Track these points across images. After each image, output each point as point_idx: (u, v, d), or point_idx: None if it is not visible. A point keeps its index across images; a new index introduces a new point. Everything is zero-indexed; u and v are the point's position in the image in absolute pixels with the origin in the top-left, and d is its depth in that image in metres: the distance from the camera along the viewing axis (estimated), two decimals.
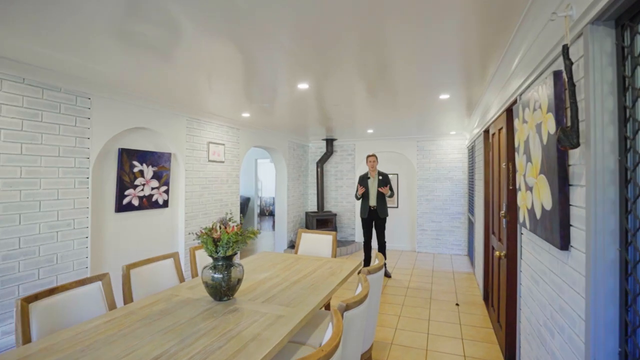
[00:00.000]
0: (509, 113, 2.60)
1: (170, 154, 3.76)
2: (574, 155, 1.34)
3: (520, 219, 2.05)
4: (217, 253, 1.97)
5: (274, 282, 2.43)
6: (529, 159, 1.80)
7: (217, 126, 4.47)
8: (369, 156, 5.17)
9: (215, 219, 4.38)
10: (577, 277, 1.29)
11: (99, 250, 3.04)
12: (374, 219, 5.17)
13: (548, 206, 1.51)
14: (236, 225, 2.08)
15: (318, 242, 3.48)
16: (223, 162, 4.58)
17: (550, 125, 1.44)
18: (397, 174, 7.02)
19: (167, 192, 3.73)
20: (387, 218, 5.25)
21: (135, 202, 3.36)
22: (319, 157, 7.24)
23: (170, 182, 3.79)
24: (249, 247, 7.31)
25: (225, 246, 1.95)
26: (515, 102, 2.40)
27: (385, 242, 5.23)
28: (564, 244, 1.39)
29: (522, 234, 2.22)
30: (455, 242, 6.53)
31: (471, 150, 5.80)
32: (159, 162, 3.61)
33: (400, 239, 7.01)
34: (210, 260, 2.06)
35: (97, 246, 3.03)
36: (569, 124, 1.30)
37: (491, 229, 3.50)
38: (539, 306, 1.79)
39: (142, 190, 3.44)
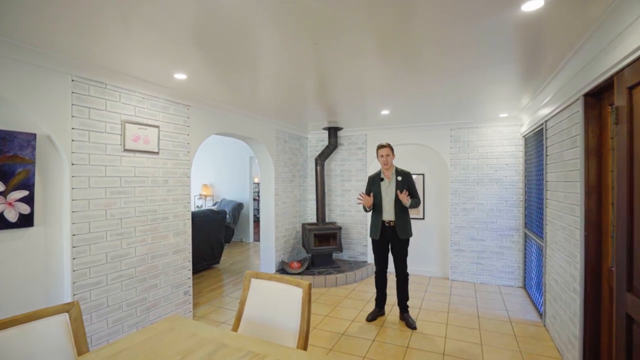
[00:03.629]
0: None
1: (34, 136, 2.21)
2: None
3: None
4: None
5: None
6: None
7: (143, 98, 2.90)
8: (380, 147, 3.47)
9: (147, 240, 2.82)
10: None
11: None
12: (391, 240, 3.45)
13: None
14: None
15: (278, 301, 1.81)
16: (156, 153, 3.00)
17: None
18: (423, 174, 5.26)
19: (28, 200, 2.18)
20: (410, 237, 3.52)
21: None
22: (319, 152, 5.56)
23: (35, 183, 2.23)
24: (233, 269, 5.73)
25: None
26: None
27: (407, 275, 3.50)
28: None
29: None
30: (504, 269, 4.70)
31: (534, 138, 3.99)
32: (3, 149, 2.06)
33: (426, 261, 5.24)
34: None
35: None
36: None
37: (627, 280, 1.73)
38: None
39: None
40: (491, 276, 4.76)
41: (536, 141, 3.93)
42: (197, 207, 8.33)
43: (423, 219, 5.26)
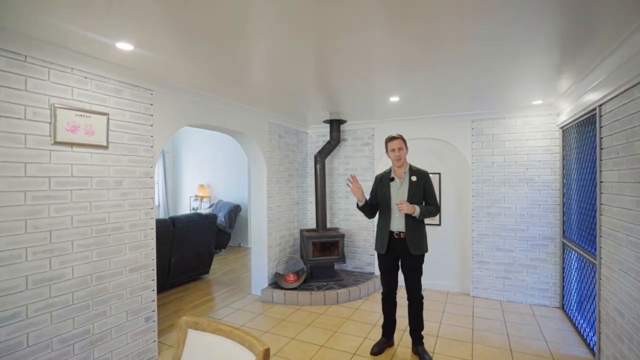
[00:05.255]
0: None
1: None
2: None
3: None
4: None
5: None
6: None
7: (85, 77, 2.29)
8: (390, 139, 2.81)
9: (90, 257, 2.22)
10: None
11: None
12: (401, 256, 2.78)
13: None
14: None
15: None
16: (104, 147, 2.40)
17: None
18: (439, 174, 4.55)
19: None
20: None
21: None
22: (320, 149, 4.90)
23: None
24: (225, 279, 5.13)
25: None
26: None
27: (422, 298, 2.82)
28: None
29: None
30: (537, 285, 3.96)
31: (577, 129, 3.27)
32: None
33: (444, 274, 4.53)
34: None
35: None
36: None
37: None
38: None
39: None
40: (521, 293, 4.03)
41: (580, 132, 3.20)
42: (193, 209, 7.77)
43: (439, 225, 4.55)
